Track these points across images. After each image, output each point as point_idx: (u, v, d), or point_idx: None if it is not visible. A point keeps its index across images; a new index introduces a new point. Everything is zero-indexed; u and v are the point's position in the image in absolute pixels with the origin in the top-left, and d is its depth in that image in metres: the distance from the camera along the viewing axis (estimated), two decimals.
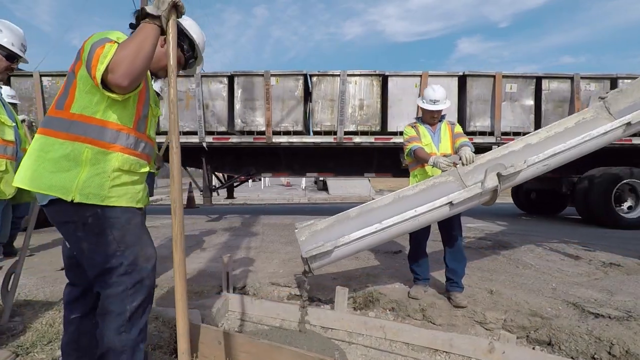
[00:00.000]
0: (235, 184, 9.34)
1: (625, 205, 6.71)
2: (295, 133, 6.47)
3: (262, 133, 6.41)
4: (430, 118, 2.96)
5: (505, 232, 5.96)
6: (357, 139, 6.37)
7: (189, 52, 1.64)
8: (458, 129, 2.99)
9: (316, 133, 6.49)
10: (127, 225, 1.42)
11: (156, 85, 3.18)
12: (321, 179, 20.09)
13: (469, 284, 3.22)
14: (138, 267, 1.42)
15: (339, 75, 6.22)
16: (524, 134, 6.22)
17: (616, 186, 6.47)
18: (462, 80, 6.38)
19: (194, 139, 6.51)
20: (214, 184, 7.90)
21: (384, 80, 6.35)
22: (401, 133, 6.16)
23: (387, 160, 7.04)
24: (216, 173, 8.07)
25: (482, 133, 6.38)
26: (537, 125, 6.38)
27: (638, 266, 3.80)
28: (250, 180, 22.64)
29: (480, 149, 6.91)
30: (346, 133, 6.37)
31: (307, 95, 6.63)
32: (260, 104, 6.36)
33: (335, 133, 6.37)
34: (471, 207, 2.37)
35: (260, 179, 22.32)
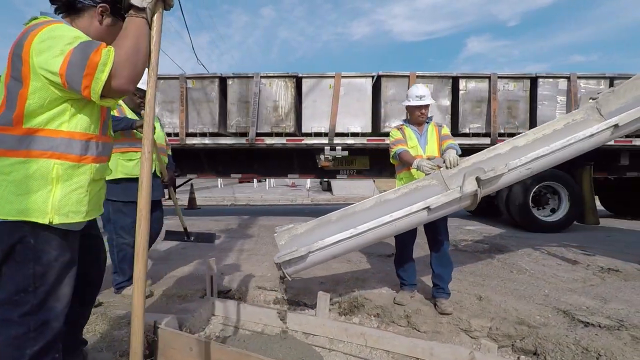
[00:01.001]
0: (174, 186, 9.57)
1: (548, 207, 6.42)
2: (212, 135, 6.44)
3: (177, 135, 6.39)
4: (418, 116, 2.90)
5: (504, 235, 5.83)
6: (269, 141, 6.34)
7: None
8: (445, 130, 2.92)
9: (232, 134, 6.47)
10: (54, 263, 1.30)
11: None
12: (325, 179, 20.00)
13: (458, 289, 3.14)
14: (46, 307, 1.29)
15: (252, 76, 6.24)
16: None
17: (534, 188, 6.21)
18: (377, 81, 6.32)
19: None
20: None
21: (298, 81, 6.34)
22: (316, 134, 6.29)
23: (309, 161, 7.00)
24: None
25: None
26: (454, 126, 6.28)
27: (637, 272, 3.67)
28: (255, 181, 22.73)
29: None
30: (260, 134, 6.33)
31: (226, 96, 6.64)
32: (177, 106, 6.36)
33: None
34: (452, 212, 2.30)
35: (264, 180, 22.34)
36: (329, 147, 6.23)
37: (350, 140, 6.24)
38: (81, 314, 1.73)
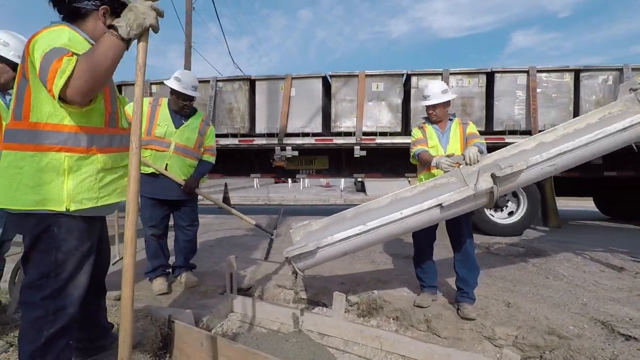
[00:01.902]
0: None
1: (506, 210, 5.86)
2: None
3: None
4: (429, 116, 2.84)
5: (543, 238, 5.45)
6: (224, 142, 6.41)
7: None
8: (471, 128, 2.75)
9: None
10: (74, 251, 1.41)
11: (179, 86, 2.97)
12: (359, 180, 19.84)
13: (485, 294, 2.97)
14: (64, 293, 1.40)
15: (208, 80, 6.39)
16: (391, 134, 5.98)
17: None
18: (328, 81, 6.28)
19: None
20: None
21: (252, 84, 6.41)
22: (268, 135, 6.28)
23: (267, 161, 6.99)
24: None
25: (347, 134, 6.09)
26: (406, 124, 5.98)
27: None
28: (290, 181, 23.00)
29: (344, 150, 6.33)
30: (216, 136, 6.39)
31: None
32: None
33: None
34: (469, 210, 2.16)
35: (299, 180, 22.54)
36: (279, 148, 6.30)
37: (299, 141, 6.26)
38: (97, 303, 1.83)
